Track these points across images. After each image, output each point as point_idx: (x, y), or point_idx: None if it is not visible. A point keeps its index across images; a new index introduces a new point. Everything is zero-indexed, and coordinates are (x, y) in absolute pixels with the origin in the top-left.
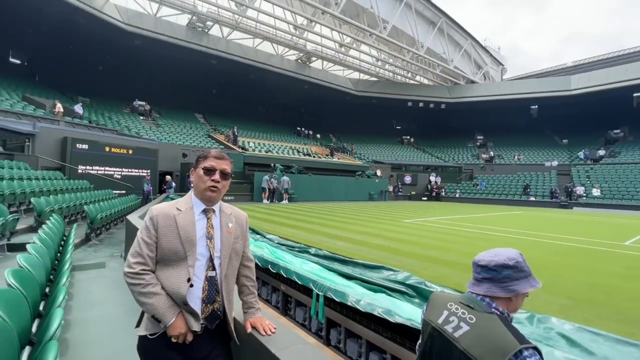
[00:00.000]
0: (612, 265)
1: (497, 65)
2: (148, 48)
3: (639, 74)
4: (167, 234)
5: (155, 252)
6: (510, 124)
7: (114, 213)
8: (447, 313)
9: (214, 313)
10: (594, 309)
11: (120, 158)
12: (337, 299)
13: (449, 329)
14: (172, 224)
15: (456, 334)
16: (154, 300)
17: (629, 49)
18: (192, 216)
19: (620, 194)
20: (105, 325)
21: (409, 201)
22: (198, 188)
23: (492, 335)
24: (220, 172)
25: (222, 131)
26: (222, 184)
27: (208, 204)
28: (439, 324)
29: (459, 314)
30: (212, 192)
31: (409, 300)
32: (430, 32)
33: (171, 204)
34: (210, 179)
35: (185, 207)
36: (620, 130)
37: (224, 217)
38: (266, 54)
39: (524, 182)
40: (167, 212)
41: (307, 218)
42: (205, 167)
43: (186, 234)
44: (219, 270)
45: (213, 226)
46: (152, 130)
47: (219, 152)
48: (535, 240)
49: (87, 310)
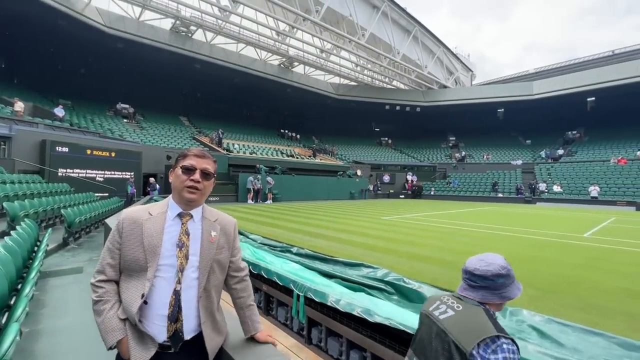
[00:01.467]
0: (573, 257)
1: (467, 71)
2: (131, 51)
3: (591, 80)
4: (130, 241)
5: (119, 260)
6: (479, 126)
7: (95, 216)
8: (438, 302)
9: (176, 333)
10: (560, 299)
11: (102, 161)
12: (317, 299)
13: (435, 313)
14: (138, 231)
15: (441, 317)
16: (101, 318)
17: (582, 58)
18: (162, 222)
19: (578, 190)
20: (79, 334)
21: (387, 199)
22: (176, 189)
23: (474, 321)
24: (201, 172)
25: (207, 133)
26: (204, 185)
27: (185, 208)
28: (429, 311)
29: (449, 303)
30: (191, 194)
31: (388, 297)
32: (405, 40)
33: (144, 208)
34: (189, 179)
35: (158, 211)
36: (577, 132)
37: (207, 224)
38: (249, 59)
39: (493, 180)
40: (134, 217)
41: (290, 217)
42: (184, 166)
43: (150, 242)
44: (192, 284)
45: (188, 233)
46: (136, 132)
47: (201, 150)
48: (504, 235)
49: (59, 319)
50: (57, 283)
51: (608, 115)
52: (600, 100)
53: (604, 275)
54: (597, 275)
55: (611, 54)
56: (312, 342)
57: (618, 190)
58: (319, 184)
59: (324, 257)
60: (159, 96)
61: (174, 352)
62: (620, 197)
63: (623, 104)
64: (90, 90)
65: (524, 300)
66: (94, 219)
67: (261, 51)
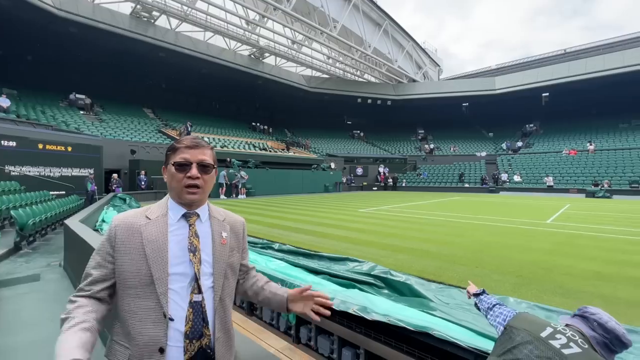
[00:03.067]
0: (542, 243)
1: (434, 66)
2: (86, 37)
3: (546, 77)
4: (128, 251)
5: (110, 275)
6: (446, 119)
7: (51, 217)
8: (552, 331)
9: (202, 352)
10: (539, 285)
11: (57, 156)
12: None
13: (555, 344)
14: (137, 238)
15: (565, 351)
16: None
17: (539, 55)
18: (165, 226)
19: (535, 179)
20: (38, 352)
21: (361, 191)
22: (173, 190)
23: None
24: (198, 165)
25: (174, 126)
26: (203, 180)
27: (189, 208)
28: (542, 337)
29: (568, 335)
30: (193, 195)
31: (378, 291)
32: (376, 33)
33: (139, 211)
34: (186, 176)
35: (157, 214)
36: (534, 125)
37: (216, 224)
38: (218, 48)
39: (459, 171)
40: (130, 223)
41: (266, 212)
42: (177, 162)
43: (154, 250)
44: (208, 294)
45: (198, 235)
46: (95, 125)
47: (193, 139)
48: (476, 223)
49: (14, 335)
50: (9, 294)
51: (561, 110)
52: (553, 96)
53: (574, 260)
54: (567, 260)
55: (563, 53)
56: (301, 341)
57: (570, 179)
58: (293, 178)
59: (307, 253)
60: (120, 86)
61: None
62: (572, 185)
63: (574, 99)
64: (40, 78)
65: (508, 288)
66: (51, 220)
67: (230, 41)
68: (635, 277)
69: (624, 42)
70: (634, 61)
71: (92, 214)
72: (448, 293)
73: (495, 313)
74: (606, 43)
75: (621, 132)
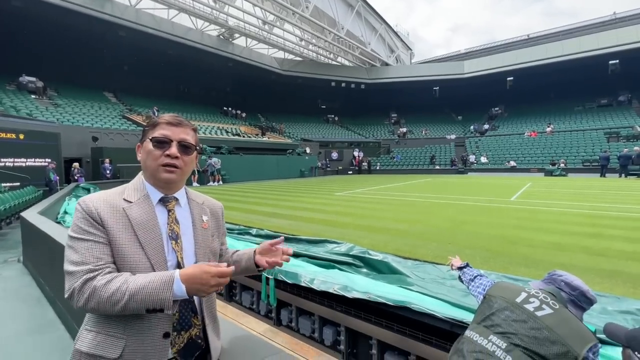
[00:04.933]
0: (507, 219)
1: (407, 49)
2: (32, 12)
3: (511, 62)
4: (120, 233)
5: (110, 259)
6: (418, 103)
7: (5, 210)
8: (526, 295)
9: (191, 342)
10: (506, 257)
11: (8, 144)
12: (289, 280)
13: (528, 307)
14: (125, 221)
15: (538, 314)
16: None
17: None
18: (151, 208)
19: (500, 160)
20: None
21: (337, 175)
22: (148, 169)
23: (577, 325)
24: (178, 144)
25: (139, 112)
26: (183, 161)
27: (166, 191)
28: (517, 302)
29: (541, 298)
30: (169, 174)
31: (357, 270)
32: (349, 15)
33: (113, 192)
34: (164, 154)
35: (137, 196)
36: (499, 108)
37: (196, 207)
38: (184, 28)
39: (431, 154)
40: (111, 202)
41: (242, 198)
42: (156, 138)
43: (148, 235)
44: None
45: (178, 221)
46: (50, 111)
47: (175, 116)
48: (445, 202)
49: None
50: None
51: (524, 94)
52: (517, 80)
53: (535, 234)
54: (529, 234)
55: (527, 38)
56: (282, 323)
57: (531, 159)
58: (268, 163)
59: (285, 237)
60: (77, 69)
61: None
62: (533, 164)
63: (535, 83)
64: None
65: (479, 261)
66: (6, 213)
67: (197, 20)
68: (588, 246)
69: (580, 29)
70: (588, 47)
71: (52, 206)
72: (423, 269)
73: (476, 284)
74: (565, 29)
75: (576, 114)
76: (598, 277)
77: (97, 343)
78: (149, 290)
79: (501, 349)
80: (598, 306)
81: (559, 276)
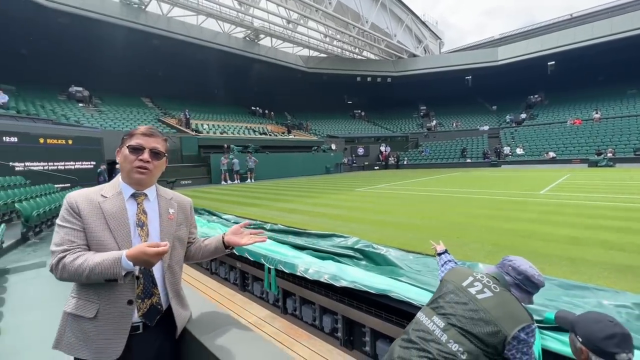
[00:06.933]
0: (529, 213)
1: (435, 39)
2: (78, 27)
3: (552, 44)
4: (94, 221)
5: (84, 242)
6: (448, 94)
7: (55, 208)
8: (472, 279)
9: (152, 307)
10: (513, 251)
11: (59, 149)
12: (287, 270)
13: (472, 290)
14: (98, 212)
15: (479, 297)
16: (88, 262)
17: (544, 22)
18: (122, 202)
19: (538, 151)
20: (42, 329)
21: (362, 171)
22: (124, 170)
23: (513, 307)
24: (149, 151)
25: (173, 115)
26: (154, 165)
27: (138, 187)
28: (462, 286)
29: (484, 282)
30: (140, 174)
31: (357, 263)
32: (373, 8)
33: (94, 190)
34: (138, 159)
35: (111, 192)
36: (538, 95)
37: (163, 202)
38: (212, 32)
39: (462, 146)
40: (89, 197)
41: (264, 195)
42: (131, 146)
43: (117, 223)
44: None
45: (146, 211)
46: (94, 117)
47: (149, 128)
48: (469, 197)
49: (22, 315)
50: (17, 279)
51: (566, 78)
52: (559, 64)
53: (554, 228)
54: (547, 228)
55: (570, 18)
56: (288, 311)
57: (573, 149)
58: (293, 161)
59: (296, 231)
60: (117, 77)
61: (145, 330)
62: (575, 155)
63: (580, 66)
64: (36, 73)
65: (482, 255)
66: (56, 211)
67: (224, 24)
68: (608, 240)
69: (631, 3)
70: None
71: None
72: (424, 262)
73: (443, 269)
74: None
75: (628, 98)
76: (606, 272)
77: (78, 306)
78: (103, 266)
79: (439, 328)
80: (594, 300)
81: (508, 261)
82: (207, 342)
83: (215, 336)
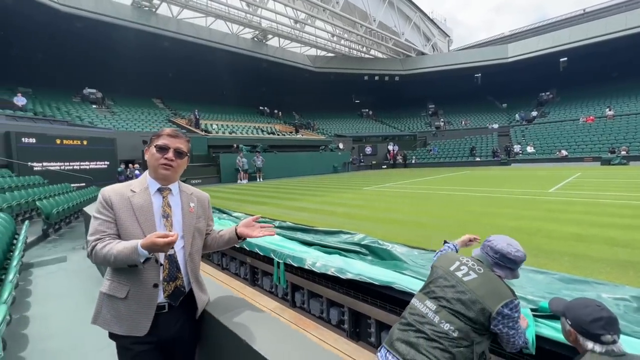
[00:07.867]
0: (535, 211)
1: (444, 36)
2: (91, 31)
3: (564, 41)
4: (124, 213)
5: (115, 232)
6: (457, 92)
7: (73, 206)
8: (458, 263)
9: (176, 289)
10: None
11: (74, 150)
12: (295, 264)
13: (458, 274)
14: (128, 205)
15: (465, 279)
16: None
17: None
18: (148, 196)
19: (550, 150)
20: (65, 317)
21: (370, 170)
22: (152, 166)
23: (496, 286)
24: (174, 151)
25: (183, 115)
26: (177, 163)
27: (163, 183)
28: (450, 270)
29: (469, 265)
30: (166, 170)
31: (362, 258)
32: (381, 6)
33: (124, 186)
34: (163, 157)
35: (139, 188)
36: (550, 93)
37: (185, 196)
38: (221, 33)
39: (470, 145)
40: (120, 192)
41: (272, 194)
42: (158, 145)
43: (144, 215)
44: (179, 249)
45: (170, 205)
46: (107, 118)
47: (174, 130)
48: (476, 195)
49: (46, 305)
50: (41, 273)
51: (579, 75)
52: (571, 60)
53: (560, 225)
54: (553, 225)
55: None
56: (296, 304)
57: (586, 147)
58: (301, 160)
59: (304, 228)
60: (128, 78)
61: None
62: (588, 153)
63: (593, 63)
64: (52, 75)
65: None
66: (73, 209)
67: (232, 25)
68: (613, 237)
69: None
70: None
71: None
72: (428, 257)
73: (434, 258)
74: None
75: None
76: (608, 267)
77: (111, 287)
78: (124, 253)
79: (432, 310)
80: (593, 293)
81: (488, 242)
82: (226, 321)
83: (232, 316)
